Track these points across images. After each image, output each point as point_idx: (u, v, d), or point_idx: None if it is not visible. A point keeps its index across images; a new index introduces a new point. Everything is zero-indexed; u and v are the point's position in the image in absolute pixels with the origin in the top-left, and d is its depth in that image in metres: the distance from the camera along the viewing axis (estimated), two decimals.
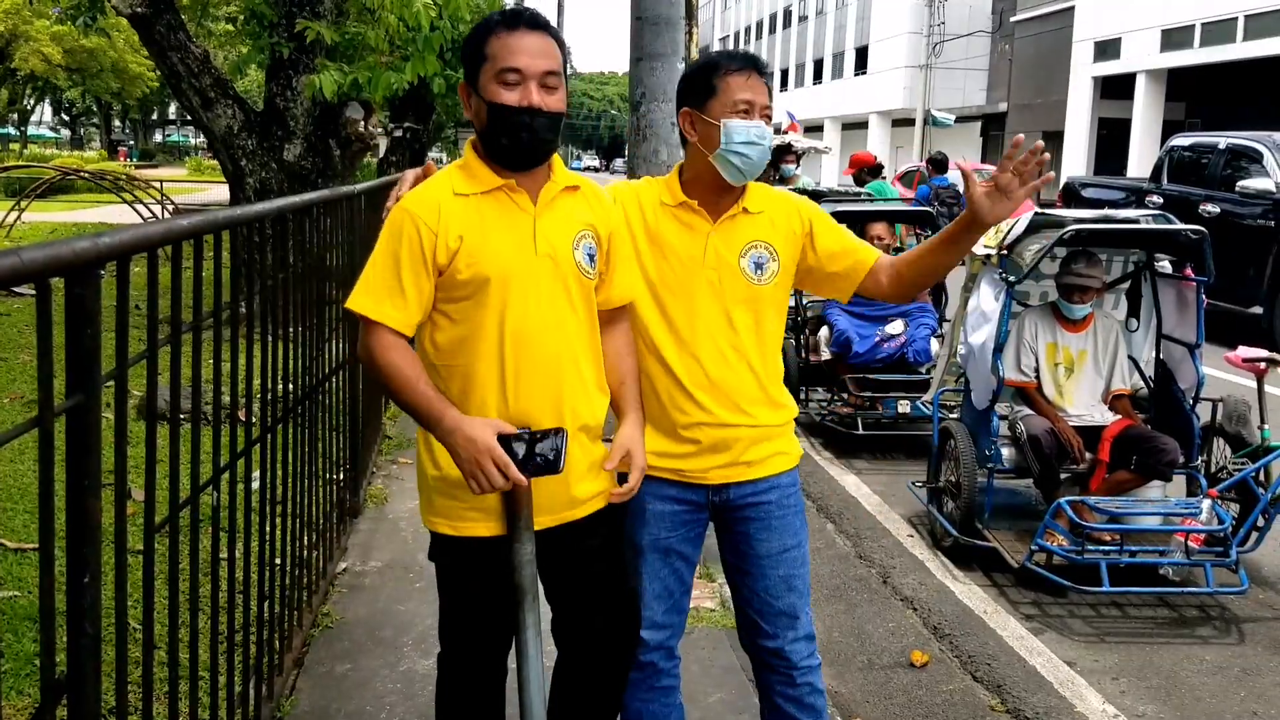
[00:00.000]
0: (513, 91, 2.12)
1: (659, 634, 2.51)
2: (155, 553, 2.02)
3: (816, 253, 2.47)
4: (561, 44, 2.21)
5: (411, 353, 2.18)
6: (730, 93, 2.35)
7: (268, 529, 2.98)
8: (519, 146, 2.16)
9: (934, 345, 6.76)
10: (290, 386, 3.29)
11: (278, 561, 3.14)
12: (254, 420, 2.88)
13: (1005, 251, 4.82)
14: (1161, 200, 11.83)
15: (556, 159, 2.28)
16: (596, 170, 77.35)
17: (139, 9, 8.38)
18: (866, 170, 11.39)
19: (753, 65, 2.39)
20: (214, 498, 2.43)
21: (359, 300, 2.16)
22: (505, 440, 2.09)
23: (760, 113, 2.35)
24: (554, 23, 2.25)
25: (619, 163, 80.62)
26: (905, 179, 18.94)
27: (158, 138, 73.13)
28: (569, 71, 2.26)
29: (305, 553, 3.57)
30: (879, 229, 7.02)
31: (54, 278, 1.44)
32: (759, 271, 2.41)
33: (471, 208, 2.16)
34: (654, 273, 2.41)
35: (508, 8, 2.26)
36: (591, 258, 2.26)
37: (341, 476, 4.45)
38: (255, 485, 2.89)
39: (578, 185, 2.30)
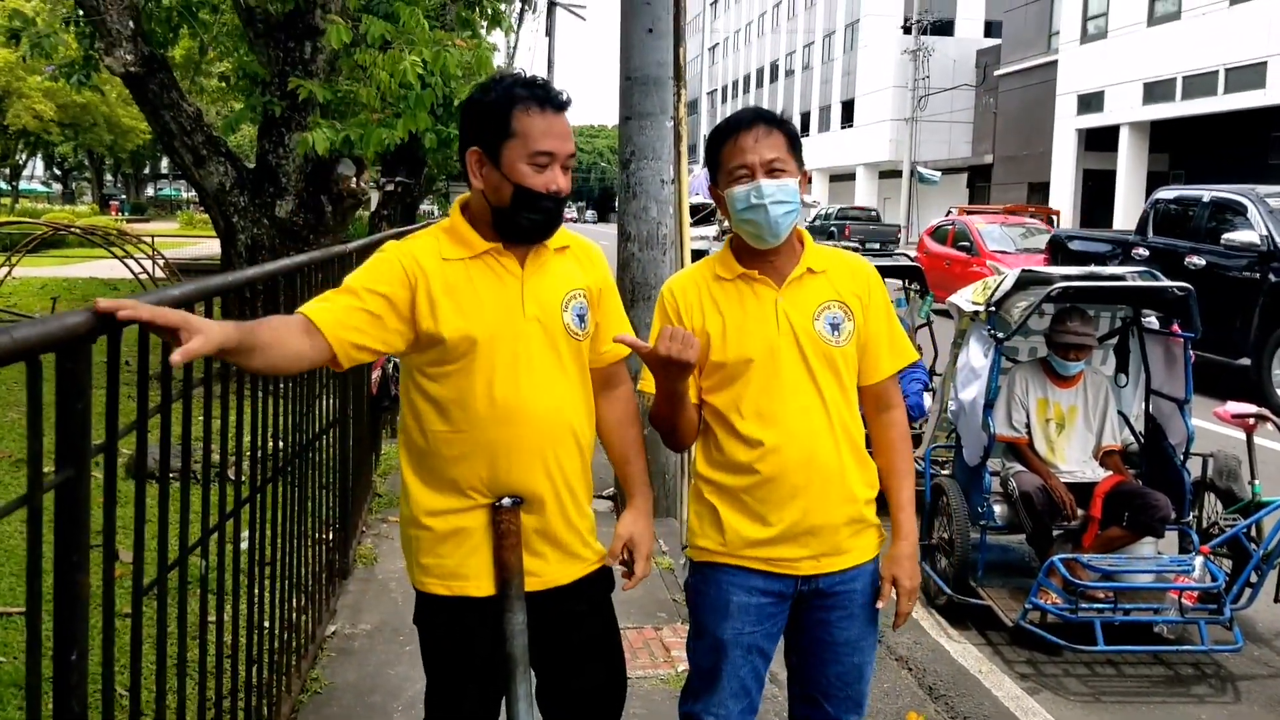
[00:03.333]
0: (541, 175, 2.10)
1: None
2: (143, 615, 1.99)
3: (862, 328, 2.34)
4: None
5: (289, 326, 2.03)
6: (728, 161, 2.30)
7: (256, 591, 2.95)
8: (538, 227, 2.16)
9: (926, 399, 6.78)
10: (280, 444, 3.27)
11: (266, 625, 3.11)
12: (244, 479, 2.87)
13: (993, 308, 4.85)
14: (1147, 253, 11.93)
15: None
16: (573, 221, 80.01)
17: (132, 68, 8.46)
18: None
19: (742, 123, 2.29)
20: (203, 564, 2.40)
21: (313, 306, 2.08)
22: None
23: (764, 169, 2.25)
24: (544, 75, 2.26)
25: (590, 214, 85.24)
26: (937, 234, 19.01)
27: (150, 192, 73.42)
28: None
29: (294, 615, 3.53)
30: None
31: (45, 354, 1.44)
32: (835, 333, 2.29)
33: (459, 271, 2.15)
34: (730, 352, 2.30)
35: (526, 77, 2.21)
36: (582, 318, 2.25)
37: (331, 536, 4.41)
38: (244, 545, 2.87)
39: (567, 245, 2.29)
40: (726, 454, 2.33)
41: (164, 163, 63.23)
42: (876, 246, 21.87)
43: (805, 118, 58.79)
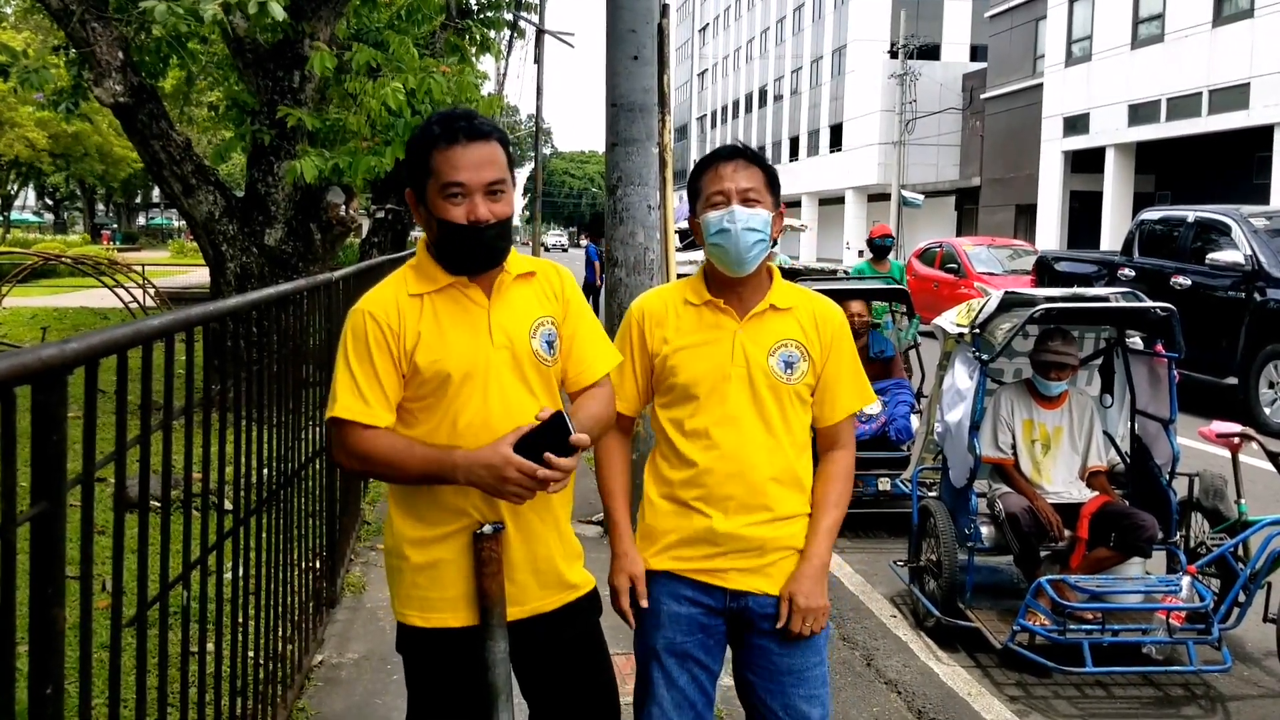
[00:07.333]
0: (458, 207, 2.12)
1: None
2: (123, 648, 1.98)
3: (821, 372, 2.43)
4: (505, 143, 2.20)
5: (385, 431, 2.16)
6: (707, 188, 2.41)
7: (241, 620, 2.94)
8: (470, 259, 2.18)
9: (914, 421, 6.79)
10: (266, 472, 3.27)
11: (251, 654, 3.09)
12: (228, 509, 2.86)
13: (978, 330, 4.87)
14: (1134, 273, 11.99)
15: None
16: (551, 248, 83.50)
17: (122, 99, 8.47)
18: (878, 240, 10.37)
19: (722, 156, 2.42)
20: (185, 595, 2.39)
21: (347, 406, 2.13)
22: (520, 448, 2.08)
23: (739, 197, 2.35)
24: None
25: (563, 238, 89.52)
26: (924, 256, 19.07)
27: (141, 220, 73.48)
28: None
29: (280, 645, 3.51)
30: (856, 306, 7.08)
31: (19, 386, 1.44)
32: (789, 370, 2.37)
33: (426, 306, 2.18)
34: (684, 375, 2.39)
35: (447, 112, 2.23)
36: (550, 344, 2.27)
37: (318, 564, 4.40)
38: (228, 575, 2.86)
39: (533, 271, 2.31)
40: (662, 470, 2.45)
41: (155, 192, 63.29)
42: None
43: (794, 142, 59.09)
